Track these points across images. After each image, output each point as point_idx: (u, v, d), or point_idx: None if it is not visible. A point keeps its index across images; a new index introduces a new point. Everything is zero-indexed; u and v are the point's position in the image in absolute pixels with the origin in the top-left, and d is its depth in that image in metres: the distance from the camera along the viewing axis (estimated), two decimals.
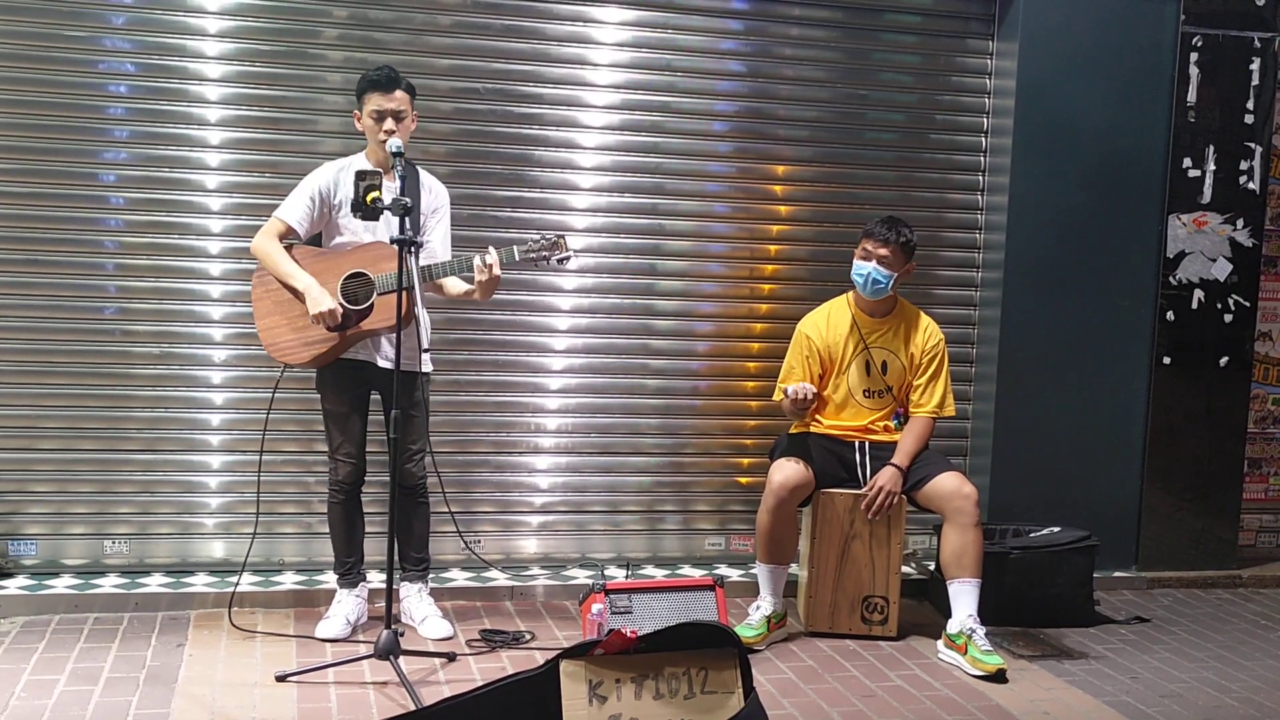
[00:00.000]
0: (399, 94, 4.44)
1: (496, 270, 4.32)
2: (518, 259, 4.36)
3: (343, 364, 4.52)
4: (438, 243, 4.59)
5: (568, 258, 4.40)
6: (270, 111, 5.08)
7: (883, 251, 4.72)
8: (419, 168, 4.66)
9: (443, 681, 4.16)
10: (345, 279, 4.41)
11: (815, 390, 4.70)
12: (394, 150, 4.16)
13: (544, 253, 4.35)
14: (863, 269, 4.75)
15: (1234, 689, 4.48)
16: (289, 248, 4.49)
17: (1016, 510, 5.58)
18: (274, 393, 4.65)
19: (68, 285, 4.97)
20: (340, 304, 4.36)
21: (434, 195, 4.63)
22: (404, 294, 4.07)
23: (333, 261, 4.45)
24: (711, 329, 5.62)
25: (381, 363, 4.46)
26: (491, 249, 4.34)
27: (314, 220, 4.51)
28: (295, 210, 4.49)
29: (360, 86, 4.49)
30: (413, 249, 4.05)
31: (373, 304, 4.37)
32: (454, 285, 4.55)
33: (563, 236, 4.38)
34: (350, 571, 4.70)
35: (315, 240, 4.58)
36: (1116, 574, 5.75)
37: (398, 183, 4.10)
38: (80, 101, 4.92)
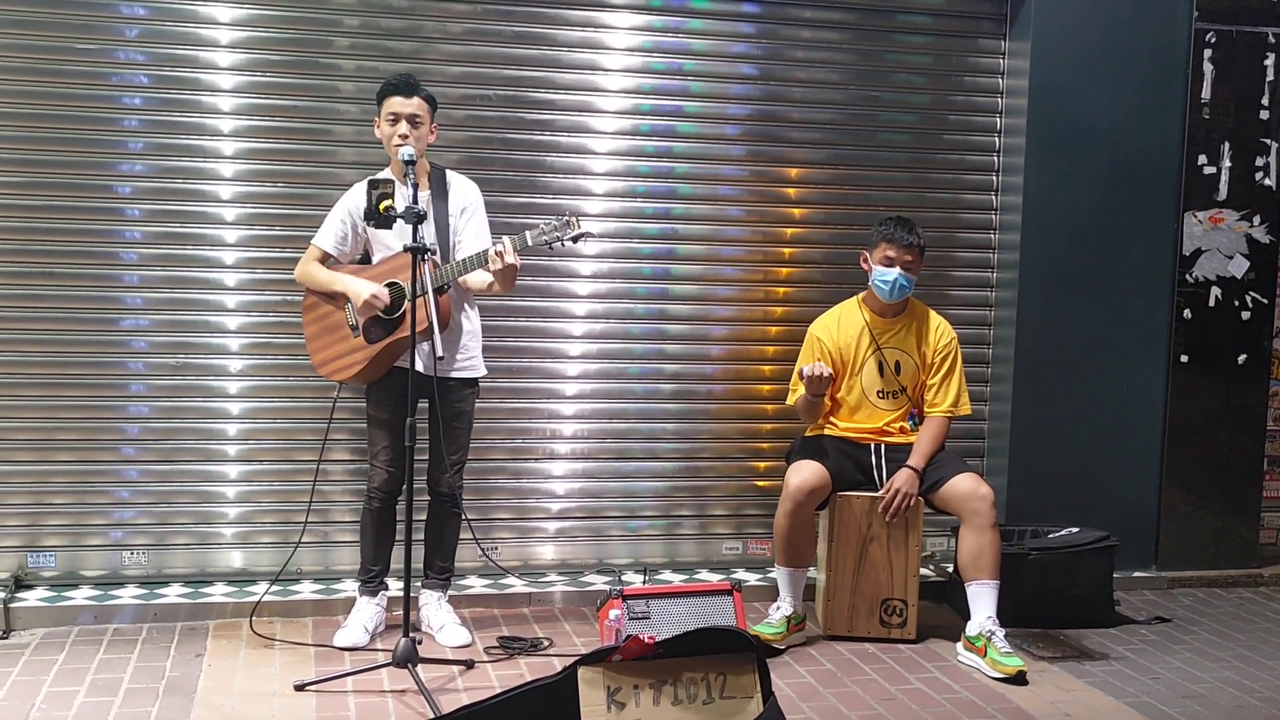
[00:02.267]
0: (417, 100, 4.46)
1: (509, 258, 4.27)
2: (530, 244, 4.33)
3: (392, 371, 4.54)
4: (470, 240, 4.58)
5: (582, 235, 4.30)
6: (284, 121, 5.09)
7: (908, 257, 4.72)
8: (447, 170, 4.68)
9: (461, 689, 4.16)
10: (382, 286, 4.46)
11: (831, 371, 4.68)
12: (405, 159, 4.21)
13: (555, 233, 4.29)
14: (888, 275, 4.72)
15: (1257, 689, 4.45)
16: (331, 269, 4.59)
17: (1035, 511, 5.55)
18: (334, 406, 4.71)
19: (83, 297, 4.99)
20: (380, 294, 4.39)
21: (462, 194, 4.63)
22: (425, 300, 4.08)
23: (368, 274, 4.50)
24: (726, 332, 5.61)
25: (424, 370, 4.44)
26: (504, 238, 4.34)
27: (350, 240, 4.57)
28: (329, 234, 4.58)
29: (380, 92, 4.52)
30: (425, 256, 4.07)
31: (405, 312, 4.38)
32: (478, 280, 4.52)
33: (573, 215, 4.30)
34: (373, 579, 4.70)
35: (366, 261, 4.64)
36: (1136, 574, 5.72)
37: (411, 190, 4.12)
38: (94, 114, 4.94)
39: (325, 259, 4.58)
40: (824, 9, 5.55)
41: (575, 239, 4.31)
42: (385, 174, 4.53)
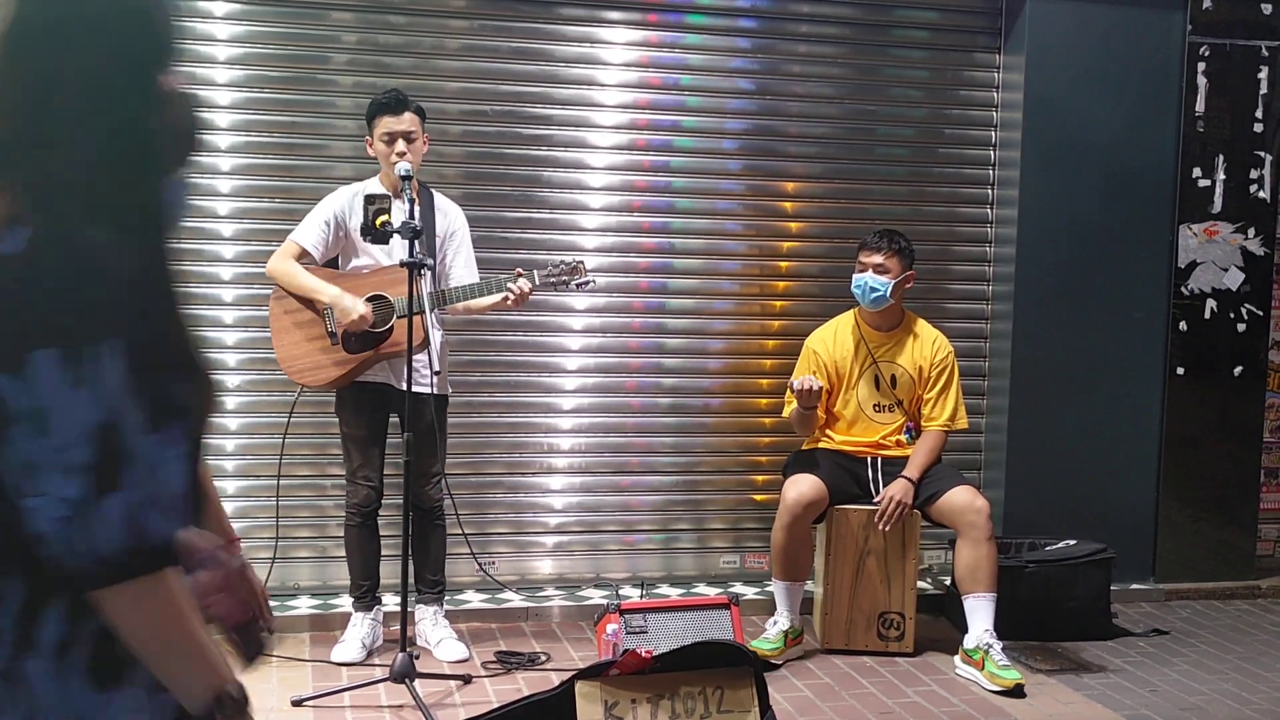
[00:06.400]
0: (408, 115, 4.47)
1: (524, 293, 4.40)
2: (538, 283, 4.41)
3: (362, 387, 4.54)
4: (460, 268, 4.60)
5: (587, 283, 4.47)
6: (281, 137, 5.11)
7: (876, 260, 4.74)
8: (434, 191, 4.69)
9: (458, 704, 4.16)
10: (365, 301, 4.44)
11: (821, 384, 4.69)
12: (402, 174, 4.22)
13: (564, 277, 4.42)
14: (859, 280, 4.78)
15: (1254, 700, 4.45)
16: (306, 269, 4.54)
17: (1032, 523, 5.55)
18: (290, 415, 4.68)
19: None
20: (369, 315, 4.38)
21: (449, 219, 4.64)
22: (422, 317, 4.09)
23: (351, 284, 4.47)
24: (724, 346, 5.62)
25: (400, 385, 4.45)
26: (527, 277, 4.39)
27: (329, 244, 4.54)
28: (310, 234, 4.52)
29: (370, 111, 4.52)
30: (422, 272, 4.09)
31: (391, 327, 4.39)
32: (478, 303, 4.55)
33: (581, 261, 4.44)
34: (366, 595, 4.70)
35: (333, 264, 4.61)
36: (1134, 586, 5.72)
37: (408, 206, 4.13)
38: None
39: (302, 256, 4.53)
40: (820, 24, 5.58)
41: (580, 285, 4.46)
42: (376, 187, 4.54)
